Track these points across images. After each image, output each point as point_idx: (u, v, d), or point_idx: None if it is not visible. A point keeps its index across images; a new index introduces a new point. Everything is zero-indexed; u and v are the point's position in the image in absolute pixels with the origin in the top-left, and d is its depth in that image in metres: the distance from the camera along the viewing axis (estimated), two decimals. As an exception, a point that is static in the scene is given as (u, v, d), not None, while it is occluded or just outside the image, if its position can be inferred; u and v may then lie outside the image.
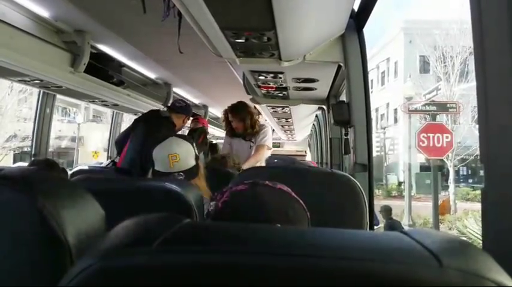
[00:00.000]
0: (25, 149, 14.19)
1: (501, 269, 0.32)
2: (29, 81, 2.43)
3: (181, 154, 1.51)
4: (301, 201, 0.75)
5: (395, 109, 19.20)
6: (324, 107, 3.48)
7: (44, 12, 2.06)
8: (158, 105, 3.85)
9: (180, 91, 4.20)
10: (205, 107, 5.05)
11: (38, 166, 2.10)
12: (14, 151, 15.28)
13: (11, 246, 0.51)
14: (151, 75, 3.53)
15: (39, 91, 2.97)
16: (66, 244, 0.49)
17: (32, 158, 2.92)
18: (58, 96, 3.07)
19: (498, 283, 0.30)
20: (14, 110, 15.25)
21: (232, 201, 0.72)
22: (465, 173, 17.93)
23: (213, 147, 4.15)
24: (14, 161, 14.21)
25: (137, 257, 0.33)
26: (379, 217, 7.90)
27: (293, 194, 0.75)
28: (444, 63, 15.42)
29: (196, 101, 4.77)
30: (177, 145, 1.54)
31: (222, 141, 3.85)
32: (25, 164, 2.74)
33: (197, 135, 3.38)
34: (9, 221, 0.51)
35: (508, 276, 0.32)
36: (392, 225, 7.56)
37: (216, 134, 6.71)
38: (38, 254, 0.50)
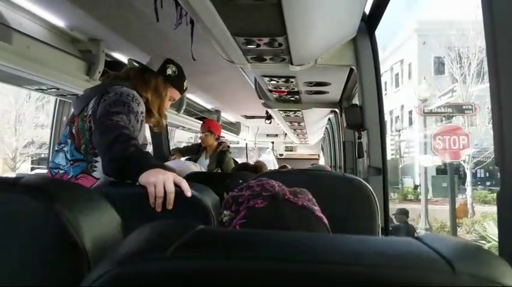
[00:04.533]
0: (42, 156, 14.48)
1: (515, 275, 0.32)
2: (45, 89, 2.47)
3: None
4: (324, 219, 0.70)
5: (410, 111, 18.98)
6: (337, 110, 3.46)
7: (59, 22, 2.10)
8: (171, 111, 3.88)
9: (192, 97, 4.24)
10: (217, 112, 5.08)
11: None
12: (32, 157, 15.60)
13: (29, 252, 0.52)
14: (165, 81, 3.56)
15: (56, 99, 3.03)
16: (84, 250, 0.50)
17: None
18: (74, 103, 3.12)
19: (512, 288, 0.30)
20: (32, 117, 15.58)
21: (250, 221, 0.64)
22: (482, 175, 17.58)
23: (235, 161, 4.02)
24: (32, 169, 14.50)
25: (152, 264, 0.34)
26: (394, 220, 7.79)
27: (316, 211, 0.69)
28: (460, 64, 15.17)
29: (209, 106, 4.81)
30: None
31: (235, 145, 3.84)
32: (43, 168, 2.80)
33: (226, 159, 3.41)
34: (28, 227, 0.53)
35: (523, 282, 0.31)
36: (406, 230, 7.42)
37: (229, 139, 6.74)
38: (56, 260, 0.51)
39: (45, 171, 2.40)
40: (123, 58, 2.69)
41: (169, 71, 1.69)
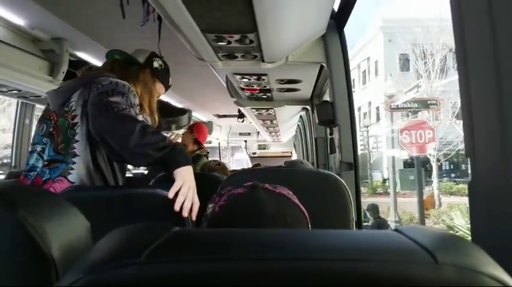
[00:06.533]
0: (5, 161, 13.86)
1: (495, 263, 0.32)
2: (6, 91, 2.37)
3: None
4: (301, 206, 0.73)
5: (378, 107, 19.45)
6: (308, 107, 3.50)
7: (19, 21, 2.01)
8: (141, 112, 3.79)
9: (162, 96, 4.15)
10: (189, 111, 5.02)
11: (17, 178, 2.05)
12: (-6, 164, 14.92)
13: (-8, 263, 0.49)
14: (133, 81, 3.48)
15: (18, 101, 2.90)
16: (51, 258, 0.47)
17: (11, 170, 2.85)
18: (38, 105, 3.00)
19: (494, 277, 0.30)
20: (-8, 122, 14.89)
21: (229, 205, 0.69)
22: (448, 167, 18.26)
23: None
24: (-6, 174, 13.87)
25: (126, 269, 0.32)
26: (368, 214, 7.97)
27: (293, 199, 0.73)
28: (425, 60, 15.67)
29: (179, 106, 4.73)
30: None
31: (208, 145, 3.83)
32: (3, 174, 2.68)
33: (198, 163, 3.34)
34: (-11, 237, 0.49)
35: (502, 269, 0.32)
36: (380, 224, 7.62)
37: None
38: (22, 269, 0.48)
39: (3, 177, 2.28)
40: (88, 57, 2.60)
41: (155, 64, 1.59)
